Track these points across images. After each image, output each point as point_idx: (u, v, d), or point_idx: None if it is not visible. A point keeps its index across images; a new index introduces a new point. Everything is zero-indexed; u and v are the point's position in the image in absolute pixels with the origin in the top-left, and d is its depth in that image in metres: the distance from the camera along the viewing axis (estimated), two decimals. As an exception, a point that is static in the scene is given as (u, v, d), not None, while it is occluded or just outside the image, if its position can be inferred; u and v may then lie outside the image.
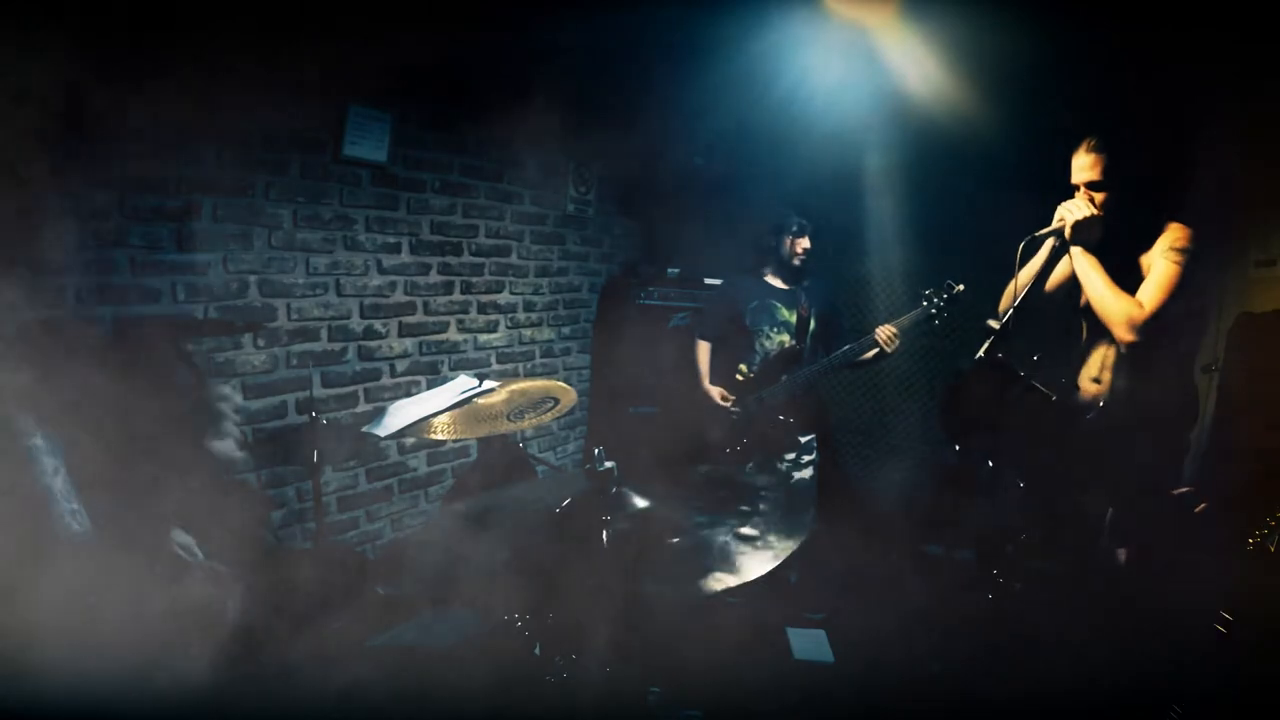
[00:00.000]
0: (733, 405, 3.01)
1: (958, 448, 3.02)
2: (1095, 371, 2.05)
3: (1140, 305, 1.84)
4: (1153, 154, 2.07)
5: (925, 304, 2.76)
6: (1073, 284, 2.11)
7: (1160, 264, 1.86)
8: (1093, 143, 1.93)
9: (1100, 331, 2.02)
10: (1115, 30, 2.50)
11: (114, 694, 1.35)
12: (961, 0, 2.59)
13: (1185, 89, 2.64)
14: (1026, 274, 2.04)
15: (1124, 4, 2.45)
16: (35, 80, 1.82)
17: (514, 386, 1.88)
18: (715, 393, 3.05)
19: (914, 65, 2.95)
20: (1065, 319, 2.19)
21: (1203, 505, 1.97)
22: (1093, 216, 1.93)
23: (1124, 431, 1.97)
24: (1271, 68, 2.42)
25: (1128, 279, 1.90)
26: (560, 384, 1.89)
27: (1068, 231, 1.95)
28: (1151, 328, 1.82)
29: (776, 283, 3.07)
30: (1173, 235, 1.87)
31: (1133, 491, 1.97)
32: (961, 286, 2.71)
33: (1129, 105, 2.63)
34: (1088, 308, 2.05)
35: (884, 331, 2.75)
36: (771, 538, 1.49)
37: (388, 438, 1.76)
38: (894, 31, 2.84)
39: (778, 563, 1.42)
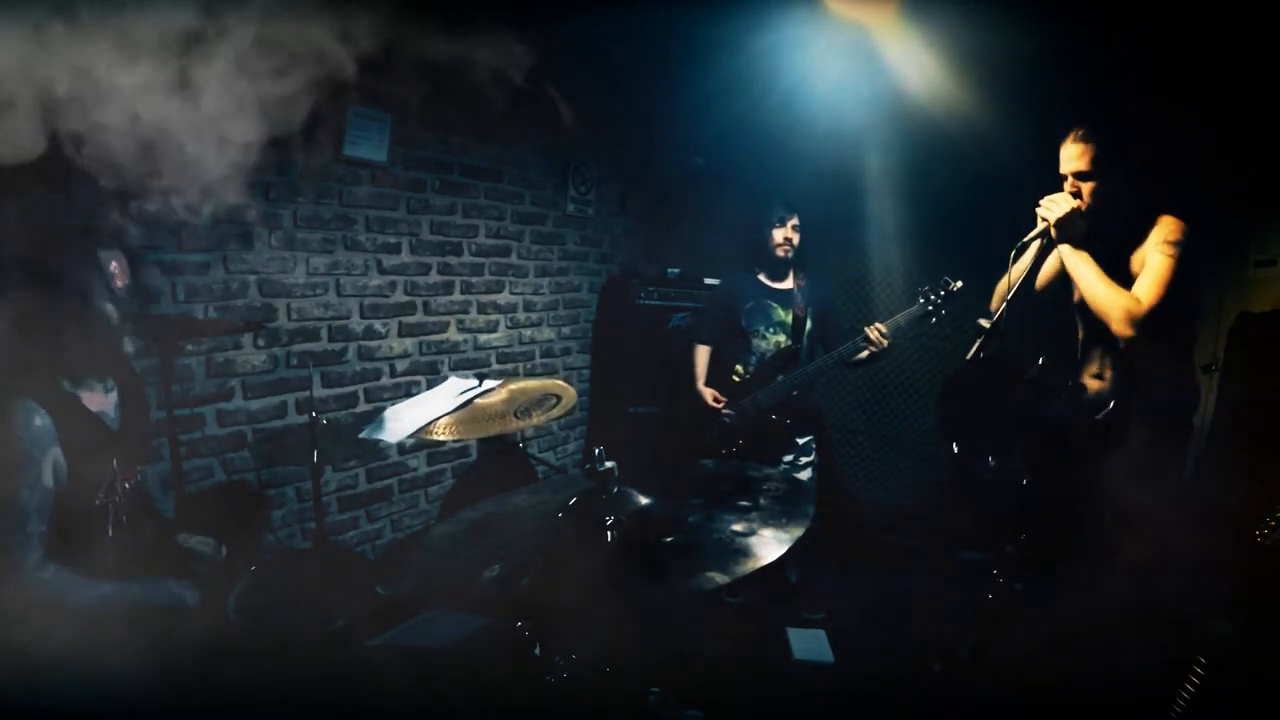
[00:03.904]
0: (724, 408, 2.99)
1: (955, 447, 3.01)
2: (1097, 369, 2.05)
3: (1138, 300, 1.81)
4: (1145, 146, 2.04)
5: (922, 301, 2.73)
6: (1062, 280, 2.11)
7: (1155, 258, 1.83)
8: (1080, 132, 1.90)
9: (1098, 328, 2.01)
10: (1114, 30, 2.50)
11: (112, 693, 1.36)
12: (961, 0, 2.59)
13: (1185, 87, 2.64)
14: (1017, 273, 2.01)
15: (1123, 4, 2.45)
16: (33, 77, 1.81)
17: (514, 386, 1.87)
18: (708, 395, 3.02)
19: (914, 65, 2.95)
20: (1062, 317, 2.18)
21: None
22: (1074, 210, 1.91)
23: (1127, 426, 1.97)
24: (1270, 67, 2.42)
25: (1122, 277, 1.89)
26: (560, 382, 1.89)
27: (1053, 231, 1.94)
28: (1151, 322, 1.80)
29: (771, 282, 3.03)
30: (1166, 229, 1.84)
31: (1135, 486, 1.96)
32: (959, 283, 2.67)
33: (1127, 104, 2.63)
34: (1083, 304, 2.05)
35: (873, 331, 2.71)
36: (770, 537, 1.49)
37: (398, 442, 1.75)
38: (894, 31, 2.84)
39: (775, 561, 1.42)
